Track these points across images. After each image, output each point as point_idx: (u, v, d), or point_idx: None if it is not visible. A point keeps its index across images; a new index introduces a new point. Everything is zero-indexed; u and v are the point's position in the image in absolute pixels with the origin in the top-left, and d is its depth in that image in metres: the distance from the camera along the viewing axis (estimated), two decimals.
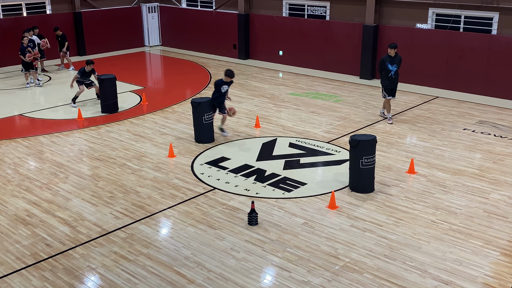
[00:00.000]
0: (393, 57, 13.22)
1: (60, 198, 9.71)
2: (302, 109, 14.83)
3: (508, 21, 15.29)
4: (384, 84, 13.47)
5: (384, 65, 13.27)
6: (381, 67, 13.39)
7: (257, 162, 11.23)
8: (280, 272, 7.40)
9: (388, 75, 13.27)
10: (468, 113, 14.30)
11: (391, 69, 13.20)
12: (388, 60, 13.23)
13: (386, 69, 13.27)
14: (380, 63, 13.44)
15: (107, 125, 13.71)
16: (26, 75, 17.53)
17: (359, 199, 9.50)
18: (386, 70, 13.26)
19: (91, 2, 22.48)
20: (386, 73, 13.30)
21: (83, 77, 14.97)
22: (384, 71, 13.32)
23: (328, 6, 18.97)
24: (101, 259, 7.76)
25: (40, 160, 11.49)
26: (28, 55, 17.16)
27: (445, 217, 8.85)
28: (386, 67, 13.23)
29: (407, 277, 7.25)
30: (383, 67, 13.32)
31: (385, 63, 13.25)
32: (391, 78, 13.30)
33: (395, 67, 13.20)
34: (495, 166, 10.86)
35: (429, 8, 16.72)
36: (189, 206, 9.34)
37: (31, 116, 14.66)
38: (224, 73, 12.34)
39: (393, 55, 13.20)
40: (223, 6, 22.05)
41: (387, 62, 13.22)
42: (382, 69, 13.39)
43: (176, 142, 12.36)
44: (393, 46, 13.17)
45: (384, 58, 13.35)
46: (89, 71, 14.94)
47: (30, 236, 8.42)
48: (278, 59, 20.46)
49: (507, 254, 7.77)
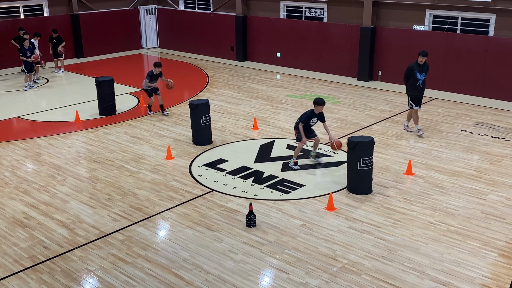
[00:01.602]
0: (422, 65, 12.37)
1: (58, 200, 9.70)
2: (300, 111, 14.81)
3: (505, 23, 15.33)
4: (410, 93, 12.61)
5: (413, 74, 12.38)
6: (408, 75, 12.49)
7: (255, 164, 11.24)
8: (278, 274, 7.40)
9: (415, 84, 12.44)
10: (466, 115, 14.32)
11: (419, 78, 12.37)
12: (417, 68, 12.35)
13: (414, 78, 12.40)
14: (408, 71, 12.48)
15: (105, 127, 13.70)
16: (26, 77, 17.46)
17: (357, 201, 9.51)
18: (414, 78, 12.40)
19: (88, 4, 22.47)
20: (413, 82, 12.45)
21: (151, 80, 14.19)
22: (412, 79, 12.45)
23: (325, 8, 19.00)
24: (99, 262, 7.75)
25: (37, 163, 11.48)
26: (34, 56, 17.21)
27: (443, 218, 8.86)
28: (415, 75, 12.36)
29: (405, 279, 7.26)
30: (410, 75, 12.45)
31: (414, 71, 12.37)
32: (419, 87, 12.49)
33: (423, 75, 12.41)
34: (493, 167, 10.88)
35: (426, 10, 16.75)
36: (187, 208, 9.33)
37: (29, 118, 14.65)
38: (314, 102, 10.67)
39: (422, 63, 12.33)
40: (221, 8, 22.07)
41: (416, 71, 12.35)
42: (409, 78, 12.51)
43: (174, 144, 12.36)
44: (424, 54, 12.28)
45: (412, 66, 12.44)
46: (157, 74, 14.22)
47: (28, 238, 8.41)
48: (275, 61, 20.48)
49: (504, 255, 7.78)
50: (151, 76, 14.17)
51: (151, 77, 14.18)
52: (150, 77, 14.16)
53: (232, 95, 16.43)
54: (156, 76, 14.28)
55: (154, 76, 14.25)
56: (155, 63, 14.27)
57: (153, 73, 14.19)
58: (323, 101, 10.61)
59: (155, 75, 14.25)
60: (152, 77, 14.21)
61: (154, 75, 14.23)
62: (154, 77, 14.28)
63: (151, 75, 14.17)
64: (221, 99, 16.06)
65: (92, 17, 22.42)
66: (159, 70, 14.20)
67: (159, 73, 14.23)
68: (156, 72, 14.17)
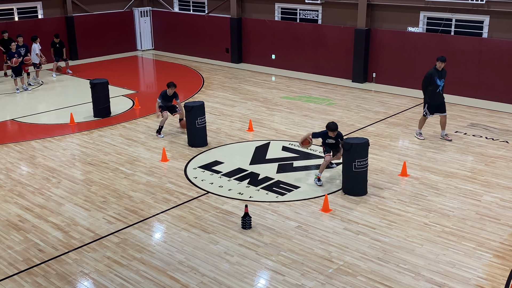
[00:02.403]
0: (441, 71, 11.99)
1: (53, 203, 9.66)
2: (295, 113, 14.86)
3: (498, 24, 15.41)
4: (429, 101, 12.21)
5: (433, 80, 11.94)
6: (428, 82, 12.04)
7: (250, 165, 11.23)
8: (274, 276, 7.40)
9: (436, 90, 12.04)
10: (460, 116, 14.37)
11: (439, 84, 11.99)
12: (437, 75, 11.95)
13: (434, 85, 11.97)
14: (427, 78, 12.04)
15: (100, 130, 13.67)
16: (15, 81, 17.38)
17: (352, 202, 9.52)
18: (434, 85, 11.97)
19: (83, 6, 22.43)
20: (433, 89, 12.02)
21: (164, 101, 12.82)
22: (432, 86, 12.01)
23: (320, 10, 19.03)
24: (94, 264, 7.72)
25: (32, 165, 11.44)
26: (25, 59, 17.17)
27: (438, 219, 8.88)
28: (435, 82, 11.94)
29: (400, 280, 7.27)
30: (430, 82, 12.00)
31: (433, 78, 11.93)
32: (439, 94, 12.11)
33: (442, 81, 12.04)
34: (487, 169, 10.92)
35: (421, 12, 16.81)
36: (183, 210, 9.32)
37: (23, 121, 14.59)
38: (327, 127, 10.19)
39: (441, 68, 11.95)
40: (216, 10, 22.07)
41: (435, 77, 11.93)
42: (428, 85, 12.05)
43: (169, 146, 12.35)
44: (443, 59, 11.91)
45: (431, 72, 11.99)
46: (171, 95, 12.79)
47: (22, 241, 8.37)
48: (270, 63, 20.50)
49: (499, 256, 7.81)
50: (164, 96, 12.78)
51: (164, 97, 12.79)
52: (163, 97, 12.78)
53: (227, 97, 16.43)
54: (170, 98, 12.88)
55: (168, 97, 12.84)
56: (168, 84, 12.73)
57: (166, 94, 12.79)
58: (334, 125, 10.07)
59: (168, 96, 12.83)
60: (165, 98, 12.81)
61: (167, 96, 12.82)
62: (168, 99, 12.85)
63: (164, 95, 12.78)
64: (216, 101, 16.06)
65: (87, 19, 22.37)
66: (173, 91, 12.77)
67: (173, 94, 12.85)
68: (169, 93, 12.75)
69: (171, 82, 12.76)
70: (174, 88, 12.73)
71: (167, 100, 12.87)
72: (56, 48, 19.42)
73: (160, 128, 13.01)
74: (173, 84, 12.71)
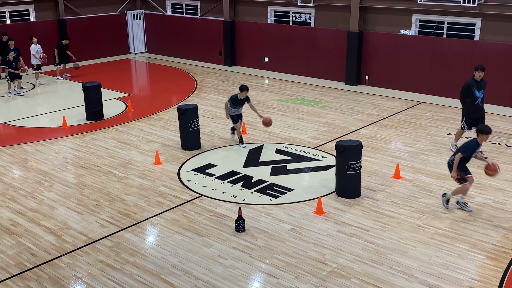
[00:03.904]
0: (480, 81, 11.22)
1: (45, 206, 9.61)
2: (288, 115, 14.87)
3: (490, 27, 15.50)
4: (467, 114, 11.48)
5: (471, 91, 11.20)
6: (466, 93, 11.32)
7: (244, 168, 11.23)
8: (268, 279, 7.39)
9: (474, 102, 11.27)
10: (453, 118, 14.43)
11: (478, 96, 11.23)
12: (475, 85, 11.19)
13: (472, 96, 11.23)
14: (464, 89, 11.32)
15: (92, 133, 13.62)
16: (9, 84, 17.27)
17: (345, 205, 9.53)
18: (473, 97, 11.23)
19: (75, 9, 22.37)
20: (472, 100, 11.28)
21: (234, 106, 12.00)
22: (470, 98, 11.27)
23: (313, 13, 19.07)
24: (87, 268, 7.69)
25: (24, 169, 11.38)
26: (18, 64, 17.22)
27: (431, 221, 8.91)
28: (473, 93, 11.20)
29: (394, 282, 7.28)
30: (468, 94, 11.28)
31: (471, 89, 11.19)
32: (478, 106, 11.33)
33: (482, 93, 11.27)
34: (480, 171, 10.94)
35: (413, 15, 16.88)
36: (176, 214, 9.30)
37: (15, 124, 14.52)
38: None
39: (480, 79, 11.19)
40: (209, 13, 22.07)
41: (474, 88, 11.18)
42: (467, 96, 11.34)
43: (163, 149, 12.32)
44: (482, 68, 11.17)
45: (469, 83, 11.25)
46: (242, 99, 11.95)
47: (14, 245, 8.32)
48: (264, 66, 20.51)
49: (492, 258, 7.84)
50: (234, 100, 11.95)
51: (234, 102, 11.97)
52: (233, 101, 11.97)
53: (221, 100, 16.42)
54: (241, 101, 12.02)
55: (239, 101, 11.97)
56: (241, 87, 11.89)
57: (237, 98, 11.96)
58: None
59: (239, 100, 11.99)
60: (235, 102, 11.97)
61: (238, 100, 11.99)
62: (239, 103, 12.00)
63: (235, 99, 11.95)
64: (210, 104, 16.05)
65: (79, 22, 22.31)
66: (246, 95, 11.91)
67: (246, 98, 12.03)
68: (241, 96, 11.90)
69: (244, 85, 11.91)
70: (246, 92, 11.82)
71: (237, 104, 12.02)
72: (61, 50, 19.26)
73: (240, 139, 12.34)
74: (246, 87, 11.84)
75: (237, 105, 12.07)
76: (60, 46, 19.28)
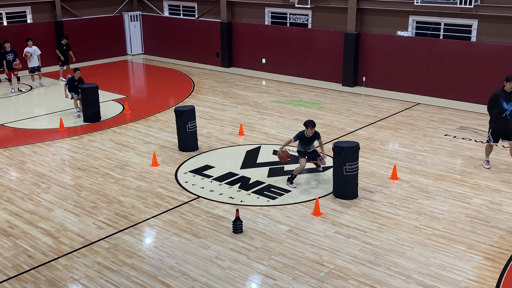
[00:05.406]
0: (509, 92, 10.59)
1: (42, 208, 9.60)
2: (285, 117, 14.88)
3: (486, 28, 15.54)
4: (493, 125, 10.89)
5: (498, 103, 10.66)
6: (493, 104, 10.79)
7: (241, 170, 11.23)
8: (266, 280, 7.39)
9: (502, 115, 10.67)
10: (449, 119, 14.46)
11: (506, 108, 10.61)
12: (503, 97, 10.61)
13: (499, 108, 10.67)
14: (492, 100, 10.79)
15: (90, 135, 13.60)
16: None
17: (343, 206, 9.54)
18: (500, 108, 10.66)
19: (72, 11, 22.35)
20: (499, 112, 10.69)
21: (302, 144, 10.22)
22: (497, 109, 10.71)
23: (310, 14, 19.10)
24: (85, 270, 7.68)
25: (21, 171, 11.36)
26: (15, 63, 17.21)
27: (428, 222, 8.92)
28: (500, 105, 10.63)
29: (391, 283, 7.29)
30: (496, 105, 10.73)
31: (499, 100, 10.64)
32: (505, 119, 10.69)
33: (511, 105, 10.61)
34: (477, 171, 10.98)
35: (410, 16, 16.91)
36: (173, 215, 9.29)
37: (12, 126, 14.49)
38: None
39: (510, 90, 10.55)
40: (206, 14, 22.08)
41: (501, 99, 10.61)
42: (494, 107, 10.80)
43: (160, 151, 12.31)
44: None
45: (497, 93, 10.69)
46: (310, 137, 10.05)
47: (11, 247, 8.30)
48: (261, 67, 20.52)
49: (489, 259, 7.86)
50: (301, 137, 10.08)
51: (302, 139, 10.09)
52: (300, 139, 10.09)
53: (218, 101, 16.43)
54: (311, 139, 10.14)
55: (307, 139, 10.10)
56: (306, 122, 9.95)
57: (304, 135, 10.05)
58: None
59: (307, 138, 10.08)
60: (303, 140, 10.11)
61: (306, 138, 10.09)
62: (306, 141, 10.12)
63: (301, 137, 10.06)
64: (207, 105, 16.05)
65: (76, 24, 22.28)
66: (313, 131, 9.98)
67: (315, 134, 10.13)
68: (308, 133, 9.97)
69: (309, 121, 9.97)
70: (313, 128, 9.93)
71: (305, 143, 10.15)
72: (63, 50, 19.20)
73: (293, 177, 10.31)
74: (311, 123, 9.92)
75: (306, 144, 10.21)
76: (60, 46, 19.24)
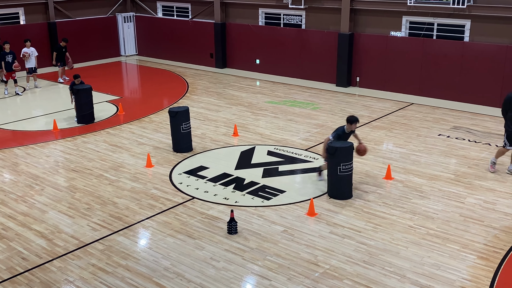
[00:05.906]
0: None
1: (36, 210, 9.56)
2: (279, 117, 14.89)
3: (479, 28, 15.61)
4: (509, 129, 10.49)
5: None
6: (507, 107, 10.46)
7: (236, 170, 11.22)
8: (261, 281, 7.39)
9: None
10: (443, 119, 14.51)
11: None
12: None
13: None
14: (506, 102, 10.48)
15: (83, 136, 13.56)
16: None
17: (337, 206, 9.56)
18: None
19: (66, 12, 22.27)
20: None
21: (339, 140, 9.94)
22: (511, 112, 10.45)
23: (303, 15, 19.12)
24: (79, 272, 7.65)
25: (15, 172, 11.31)
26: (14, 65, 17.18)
27: (423, 222, 8.95)
28: None
29: (386, 283, 7.30)
30: (510, 107, 10.41)
31: None
32: None
33: None
34: (470, 171, 11.03)
35: (403, 16, 16.96)
36: (168, 216, 9.28)
37: (5, 127, 14.43)
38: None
39: None
40: (200, 15, 22.06)
41: None
42: (508, 110, 10.46)
43: (154, 152, 12.29)
44: None
45: (511, 95, 10.45)
46: (349, 132, 10.06)
47: (5, 250, 8.26)
48: (255, 68, 20.53)
49: (483, 258, 7.89)
50: (340, 135, 10.00)
51: (341, 137, 10.01)
52: (340, 136, 10.00)
53: (212, 102, 16.42)
54: (348, 135, 10.14)
55: (346, 135, 10.08)
56: (351, 118, 9.91)
57: (344, 132, 10.02)
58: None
59: (346, 134, 10.08)
60: (342, 137, 10.03)
61: (346, 134, 10.08)
62: (344, 137, 10.08)
63: (341, 134, 10.00)
64: (201, 106, 16.03)
65: (70, 25, 22.21)
66: (355, 127, 10.02)
67: (352, 131, 10.13)
68: (349, 129, 9.98)
69: (352, 117, 9.92)
70: (356, 124, 9.95)
71: (343, 138, 10.06)
72: (61, 52, 19.12)
73: (321, 170, 10.58)
74: (356, 119, 9.90)
75: (344, 139, 10.09)
76: (59, 49, 19.16)
